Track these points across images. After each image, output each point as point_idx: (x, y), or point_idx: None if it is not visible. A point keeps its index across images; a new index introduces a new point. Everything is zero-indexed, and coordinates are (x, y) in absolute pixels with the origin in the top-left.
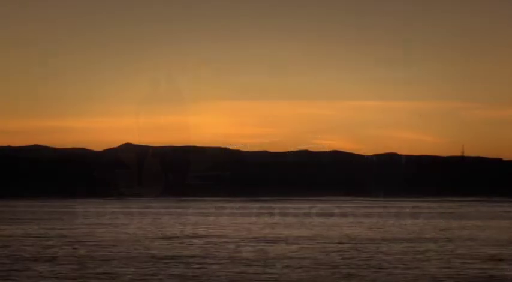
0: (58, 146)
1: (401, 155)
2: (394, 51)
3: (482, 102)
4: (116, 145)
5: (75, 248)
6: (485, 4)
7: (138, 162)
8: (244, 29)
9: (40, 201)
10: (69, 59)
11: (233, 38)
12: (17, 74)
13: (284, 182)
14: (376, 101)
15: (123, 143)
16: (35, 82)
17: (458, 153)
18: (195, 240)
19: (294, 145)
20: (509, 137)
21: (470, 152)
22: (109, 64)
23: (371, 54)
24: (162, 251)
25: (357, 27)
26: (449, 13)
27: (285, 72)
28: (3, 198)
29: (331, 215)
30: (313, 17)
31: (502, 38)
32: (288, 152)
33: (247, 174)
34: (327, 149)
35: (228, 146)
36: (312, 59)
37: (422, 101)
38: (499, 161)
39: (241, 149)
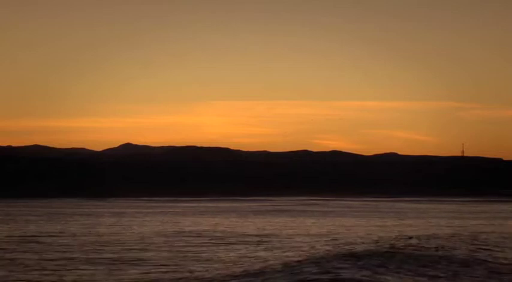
0: (58, 146)
1: (401, 155)
2: (394, 52)
3: (482, 102)
4: (116, 145)
5: None
6: (485, 5)
7: (137, 162)
8: (246, 30)
9: (41, 201)
10: (69, 59)
11: (234, 39)
12: (18, 75)
13: (284, 181)
14: (376, 101)
15: (123, 143)
16: (35, 83)
17: (458, 153)
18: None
19: (294, 145)
20: (509, 137)
21: (470, 152)
22: (109, 64)
23: (371, 54)
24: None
25: (357, 28)
26: (449, 14)
27: (285, 73)
28: (3, 198)
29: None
30: (313, 18)
31: (502, 39)
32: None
33: (247, 174)
34: (327, 149)
35: (228, 146)
36: (312, 59)
37: (422, 101)
38: (499, 161)
39: (241, 149)
